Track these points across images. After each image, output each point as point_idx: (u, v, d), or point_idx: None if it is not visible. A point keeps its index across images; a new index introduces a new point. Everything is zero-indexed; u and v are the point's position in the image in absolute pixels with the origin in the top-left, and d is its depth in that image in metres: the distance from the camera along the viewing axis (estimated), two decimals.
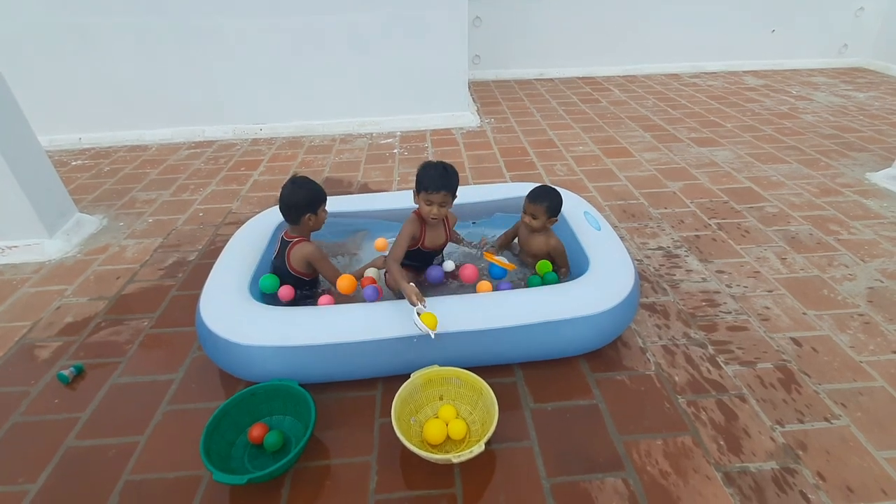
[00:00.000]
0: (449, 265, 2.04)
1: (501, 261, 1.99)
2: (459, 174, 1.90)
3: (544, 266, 2.03)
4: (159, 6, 3.68)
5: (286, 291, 1.89)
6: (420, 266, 2.09)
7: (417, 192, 1.88)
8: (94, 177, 3.52)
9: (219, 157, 3.82)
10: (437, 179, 1.80)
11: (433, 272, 2.01)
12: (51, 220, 2.60)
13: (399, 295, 1.81)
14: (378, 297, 1.83)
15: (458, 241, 2.27)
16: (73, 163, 3.77)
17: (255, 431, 1.49)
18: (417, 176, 1.85)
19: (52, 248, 2.55)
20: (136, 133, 4.15)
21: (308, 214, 1.88)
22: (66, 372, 1.76)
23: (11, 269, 2.44)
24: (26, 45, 3.71)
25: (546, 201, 1.99)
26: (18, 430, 1.60)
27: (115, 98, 4.01)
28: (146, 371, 1.82)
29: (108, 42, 3.78)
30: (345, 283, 1.83)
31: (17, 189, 2.41)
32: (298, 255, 1.90)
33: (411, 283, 1.64)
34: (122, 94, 4.01)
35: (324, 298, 1.87)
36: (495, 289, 1.88)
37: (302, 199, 1.86)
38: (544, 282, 1.98)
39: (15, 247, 2.51)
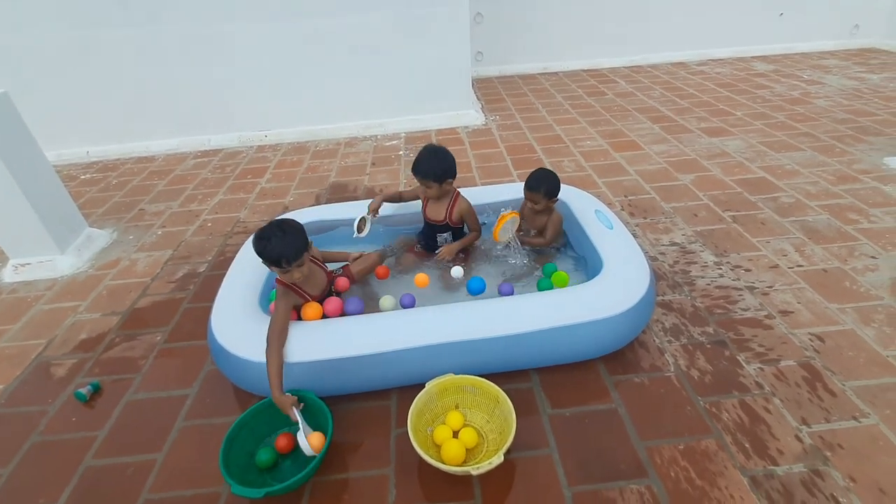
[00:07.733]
0: (457, 271, 2.04)
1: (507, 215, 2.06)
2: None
3: (560, 278, 1.98)
4: (158, 15, 3.68)
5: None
6: (427, 245, 2.27)
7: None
8: (102, 190, 3.54)
9: (225, 165, 3.82)
10: (418, 164, 2.04)
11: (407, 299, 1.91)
12: (62, 235, 2.61)
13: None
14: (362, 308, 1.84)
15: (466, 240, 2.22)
16: (82, 177, 3.80)
17: (282, 441, 1.49)
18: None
19: (64, 264, 2.56)
20: (142, 144, 4.17)
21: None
22: (83, 390, 1.77)
23: (25, 287, 2.45)
24: (29, 61, 3.73)
25: (542, 187, 2.06)
26: (38, 450, 1.60)
27: (121, 110, 4.03)
28: (161, 386, 1.82)
29: (109, 54, 3.79)
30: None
31: (27, 207, 2.42)
32: None
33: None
34: (127, 106, 4.02)
35: (340, 280, 1.92)
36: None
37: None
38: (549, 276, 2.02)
39: (28, 264, 2.53)
